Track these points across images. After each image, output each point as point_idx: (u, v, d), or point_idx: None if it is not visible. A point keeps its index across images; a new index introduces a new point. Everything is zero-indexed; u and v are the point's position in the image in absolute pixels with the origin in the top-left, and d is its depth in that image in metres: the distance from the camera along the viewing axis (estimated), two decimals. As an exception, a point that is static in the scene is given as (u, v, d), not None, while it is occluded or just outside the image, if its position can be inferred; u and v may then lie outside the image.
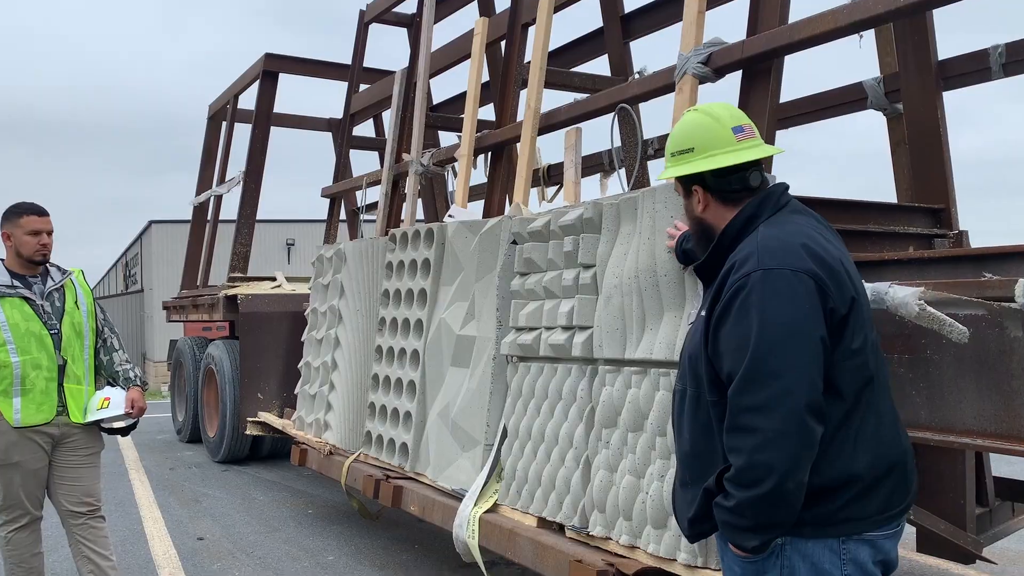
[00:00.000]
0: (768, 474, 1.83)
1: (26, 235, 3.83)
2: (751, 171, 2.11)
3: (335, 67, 9.51)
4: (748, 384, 1.87)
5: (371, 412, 5.37)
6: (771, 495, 1.84)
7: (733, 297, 1.94)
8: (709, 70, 3.65)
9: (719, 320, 1.98)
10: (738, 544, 1.97)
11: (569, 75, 6.12)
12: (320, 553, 5.39)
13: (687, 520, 2.11)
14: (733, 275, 1.97)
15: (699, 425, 2.06)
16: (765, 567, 2.00)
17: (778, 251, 1.94)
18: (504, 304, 4.27)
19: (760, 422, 1.84)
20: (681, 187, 2.20)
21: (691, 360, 2.10)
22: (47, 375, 3.83)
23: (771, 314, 1.87)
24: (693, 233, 2.26)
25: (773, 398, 1.83)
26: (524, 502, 3.87)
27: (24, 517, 3.89)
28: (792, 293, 1.88)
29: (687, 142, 2.14)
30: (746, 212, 2.08)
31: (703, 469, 2.05)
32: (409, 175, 6.11)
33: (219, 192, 10.31)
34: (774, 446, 1.82)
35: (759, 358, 1.86)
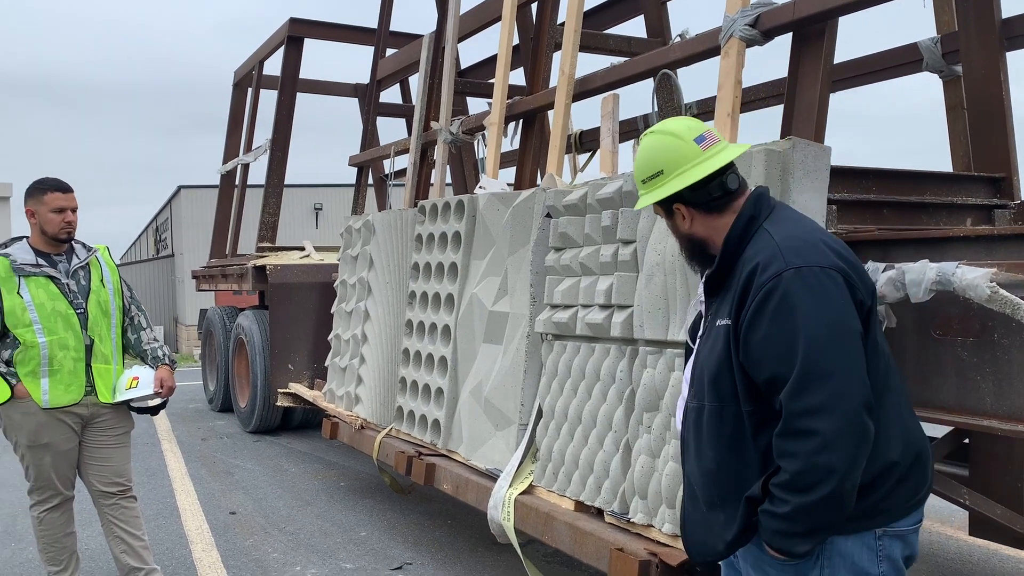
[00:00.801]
0: (829, 476, 1.80)
1: (51, 212, 3.74)
2: (727, 175, 2.07)
3: (361, 31, 9.31)
4: (803, 386, 1.83)
5: (402, 387, 5.28)
6: (829, 498, 1.81)
7: (765, 300, 1.89)
8: (757, 32, 3.44)
9: (751, 325, 1.92)
10: (787, 550, 1.90)
11: (604, 38, 5.88)
12: (353, 528, 5.35)
13: (725, 543, 2.02)
14: (760, 277, 1.91)
15: (726, 440, 2.00)
16: (804, 569, 1.97)
17: (801, 249, 1.92)
18: (538, 280, 4.13)
19: (819, 424, 1.80)
20: (661, 209, 2.16)
21: (712, 374, 2.01)
22: (74, 355, 3.76)
23: (812, 313, 1.84)
24: (684, 250, 2.21)
25: (829, 399, 1.81)
26: (561, 485, 3.76)
27: (56, 497, 3.86)
28: (826, 290, 1.87)
29: (654, 166, 2.09)
30: (745, 214, 2.05)
31: (734, 487, 1.99)
32: (438, 144, 5.95)
33: (246, 160, 10.22)
34: (834, 448, 1.80)
35: (810, 360, 1.82)
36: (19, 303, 3.67)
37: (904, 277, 2.67)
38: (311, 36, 9.30)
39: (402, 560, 4.75)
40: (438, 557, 4.80)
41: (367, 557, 4.81)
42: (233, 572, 4.58)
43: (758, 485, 1.93)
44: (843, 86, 4.88)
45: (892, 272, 2.72)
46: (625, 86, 4.43)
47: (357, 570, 4.60)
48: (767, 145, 2.93)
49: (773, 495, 1.88)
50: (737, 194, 2.08)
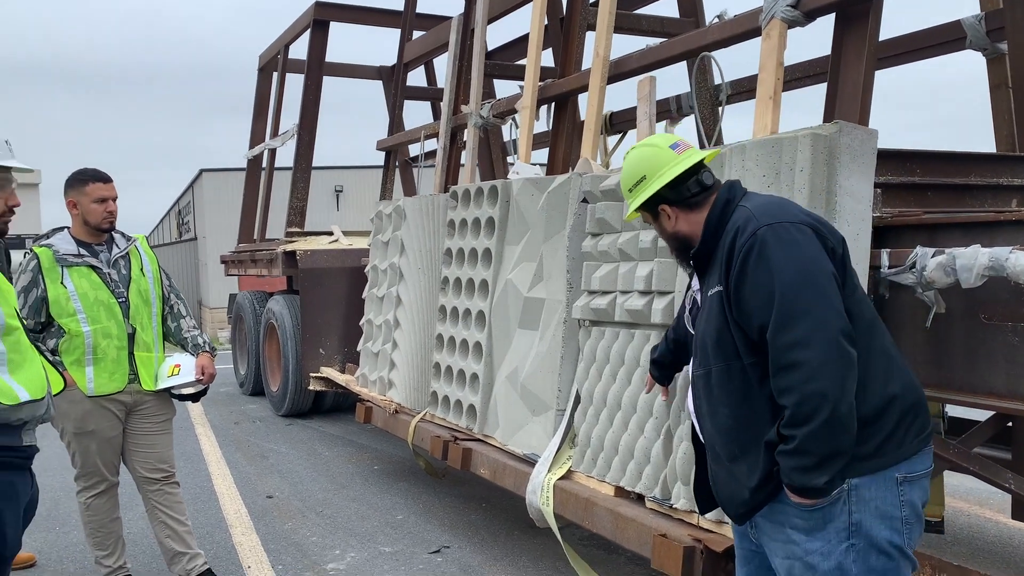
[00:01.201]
0: (822, 402, 1.95)
1: (93, 203, 3.77)
2: (701, 172, 2.32)
3: (387, 14, 9.28)
4: (783, 324, 2.01)
5: (436, 372, 5.30)
6: (829, 422, 1.96)
7: (746, 257, 2.09)
8: (799, 13, 3.38)
9: (738, 282, 2.11)
10: (808, 486, 2.02)
11: (636, 18, 5.82)
12: (389, 511, 5.40)
13: (749, 489, 2.15)
14: (739, 239, 2.12)
15: (736, 395, 2.16)
16: (831, 515, 2.08)
17: (772, 210, 2.15)
18: (575, 266, 4.11)
19: (803, 355, 1.98)
20: (649, 214, 2.38)
21: (713, 339, 2.19)
22: (117, 344, 3.81)
23: (785, 259, 2.04)
24: (674, 250, 2.42)
25: (809, 331, 1.98)
26: (600, 470, 3.76)
27: (101, 484, 3.92)
28: (796, 240, 2.07)
29: (637, 174, 2.34)
30: (721, 198, 2.28)
31: (752, 435, 2.14)
32: (468, 128, 5.93)
33: (273, 146, 10.24)
34: (821, 374, 1.96)
35: (787, 299, 2.01)
36: (63, 293, 3.71)
37: (955, 262, 2.64)
38: (337, 19, 9.29)
39: (440, 543, 4.79)
40: (475, 540, 4.83)
41: (405, 540, 4.85)
42: (273, 556, 4.64)
43: (774, 430, 2.08)
44: (883, 65, 4.80)
45: (942, 257, 2.69)
46: (661, 68, 4.39)
47: (396, 553, 4.65)
48: (813, 129, 2.89)
49: (783, 435, 2.04)
50: (712, 190, 2.31)
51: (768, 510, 2.18)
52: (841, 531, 2.08)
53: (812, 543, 2.10)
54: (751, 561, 2.39)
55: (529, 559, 4.52)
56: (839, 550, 2.08)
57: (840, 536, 2.08)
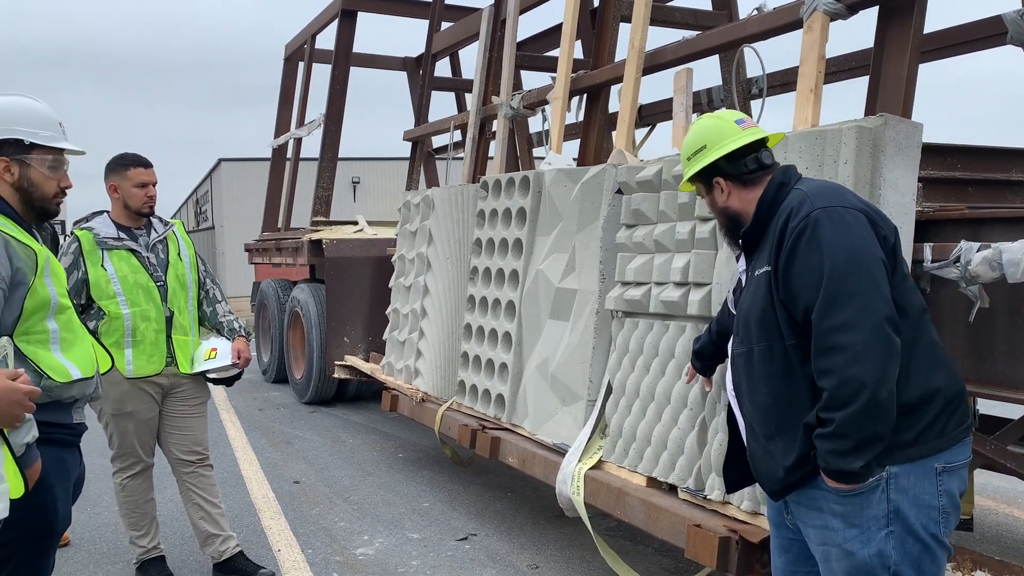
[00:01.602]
0: (862, 387, 1.96)
1: (134, 187, 3.82)
2: (762, 151, 2.33)
3: (414, 4, 9.29)
4: (829, 307, 2.02)
5: (464, 361, 5.33)
6: (868, 407, 1.96)
7: (798, 238, 2.10)
8: (842, 6, 3.37)
9: (788, 262, 2.12)
10: (843, 469, 2.03)
11: (670, 10, 5.80)
12: (415, 499, 5.43)
13: (784, 468, 2.17)
14: (792, 221, 2.13)
15: (777, 376, 2.17)
16: (870, 500, 2.09)
17: (827, 193, 2.16)
18: (608, 257, 4.12)
19: (846, 339, 1.98)
20: (702, 186, 2.40)
21: (757, 317, 2.20)
22: (156, 327, 3.85)
23: (837, 242, 2.05)
24: (722, 225, 2.43)
25: (854, 315, 1.99)
26: (632, 461, 3.77)
27: (138, 465, 3.97)
28: (848, 224, 2.08)
29: (699, 143, 2.35)
30: (776, 180, 2.28)
31: (790, 415, 2.15)
32: (498, 118, 5.94)
33: (299, 135, 10.29)
34: (863, 359, 1.97)
35: (835, 281, 2.02)
36: (103, 275, 3.76)
37: (1001, 256, 2.62)
38: (365, 9, 9.31)
39: (467, 531, 4.82)
40: (501, 528, 4.86)
41: (432, 527, 4.89)
42: (303, 540, 4.69)
43: (813, 413, 2.09)
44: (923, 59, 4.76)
45: (988, 252, 2.67)
46: (696, 60, 4.38)
47: (424, 540, 4.68)
48: (858, 122, 2.89)
49: (821, 418, 2.05)
50: (769, 170, 2.32)
51: (805, 495, 2.19)
52: (880, 518, 2.08)
53: (850, 530, 2.11)
54: (788, 550, 2.39)
55: (556, 548, 4.55)
56: (879, 537, 2.08)
57: (879, 523, 2.08)
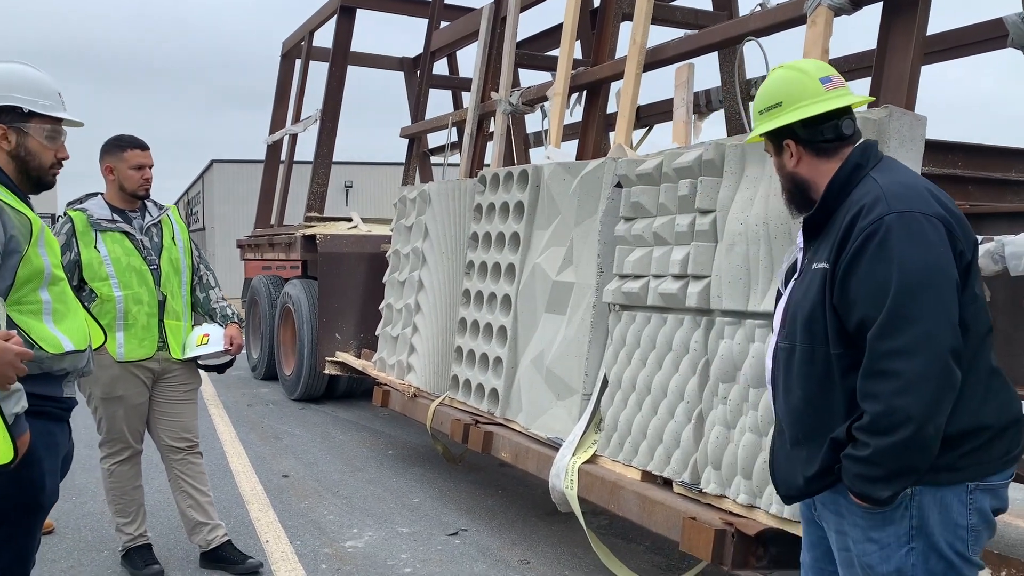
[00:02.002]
0: (907, 420, 1.81)
1: (130, 169, 3.78)
2: (843, 119, 2.08)
3: (414, 3, 9.29)
4: (889, 328, 1.85)
5: (458, 356, 5.29)
6: (909, 441, 1.82)
7: (866, 242, 1.90)
8: (846, 1, 3.36)
9: (849, 268, 1.93)
10: (868, 496, 1.92)
11: (671, 10, 5.81)
12: (405, 494, 5.39)
13: (804, 478, 2.06)
14: (862, 220, 1.92)
15: (814, 380, 2.03)
16: (892, 517, 1.97)
17: (905, 196, 1.93)
18: (606, 250, 4.10)
19: (901, 366, 1.82)
20: (771, 144, 2.18)
21: (804, 316, 2.04)
22: (148, 310, 3.81)
23: (909, 257, 1.85)
24: (786, 191, 2.22)
25: (915, 341, 1.82)
26: (627, 454, 3.75)
27: (126, 450, 3.92)
28: (927, 236, 1.87)
29: (775, 98, 2.12)
30: (852, 160, 2.06)
31: (819, 424, 2.02)
32: (497, 114, 5.92)
33: (294, 131, 10.25)
34: (915, 390, 1.81)
35: (900, 302, 1.84)
36: (96, 257, 3.72)
37: (1004, 250, 2.62)
38: (364, 7, 9.30)
39: (457, 526, 4.78)
40: (492, 524, 4.82)
41: (422, 522, 4.84)
42: (291, 532, 4.64)
43: (843, 428, 1.96)
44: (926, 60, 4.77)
45: (991, 244, 2.67)
46: (698, 56, 4.37)
47: (414, 534, 4.64)
48: (862, 113, 2.87)
49: (856, 439, 1.91)
50: (848, 142, 2.09)
51: (830, 499, 2.09)
52: (902, 535, 1.96)
53: (869, 544, 2.01)
54: (817, 547, 2.27)
55: (547, 544, 4.51)
56: (899, 554, 1.97)
57: (901, 540, 1.97)
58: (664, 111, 6.66)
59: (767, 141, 2.19)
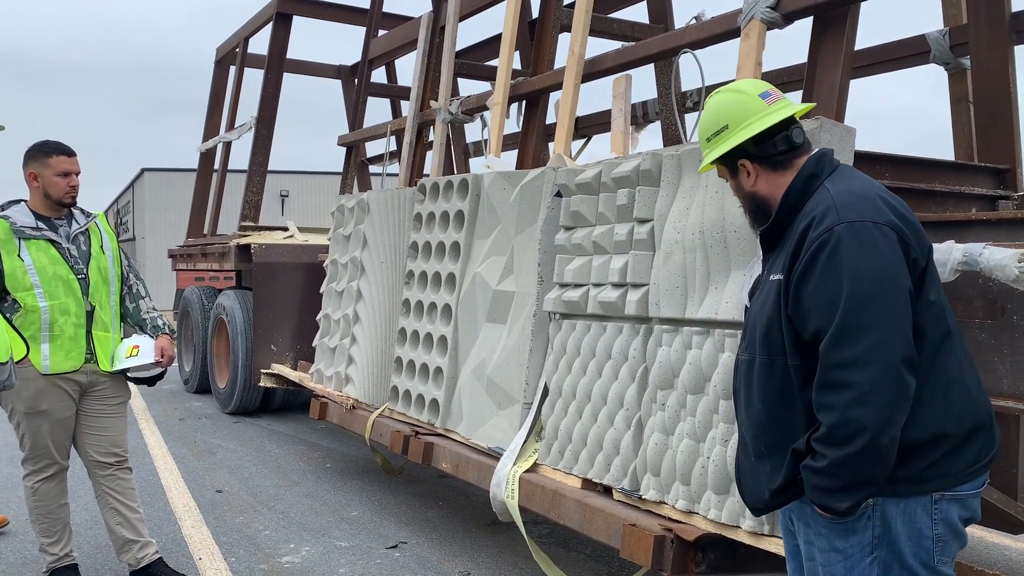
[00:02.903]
0: (861, 431, 1.80)
1: (56, 176, 3.65)
2: (792, 129, 2.09)
3: (351, 10, 9.22)
4: (841, 339, 1.83)
5: (397, 367, 5.24)
6: (865, 451, 1.81)
7: (817, 253, 1.89)
8: (779, 15, 3.45)
9: (801, 278, 1.92)
10: (828, 506, 1.92)
11: (608, 22, 5.89)
12: (344, 508, 5.30)
13: (770, 491, 2.04)
14: (813, 231, 1.92)
15: (774, 392, 2.01)
16: (855, 527, 1.97)
17: (856, 204, 1.91)
18: (546, 259, 4.11)
19: (854, 377, 1.81)
20: (726, 168, 2.18)
21: (763, 328, 2.03)
22: (75, 321, 3.68)
23: (860, 267, 1.84)
24: (748, 211, 2.21)
25: (867, 352, 1.80)
26: (567, 463, 3.75)
27: (52, 467, 3.77)
28: (877, 245, 1.85)
29: (719, 122, 2.12)
30: (806, 171, 2.06)
31: (781, 437, 2.01)
32: (436, 124, 5.91)
33: (229, 138, 10.07)
34: (868, 401, 1.80)
35: (851, 312, 1.82)
36: (20, 266, 3.58)
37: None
38: (300, 14, 9.19)
39: (397, 539, 4.72)
40: (432, 536, 4.78)
41: (361, 536, 4.77)
42: (225, 548, 4.52)
43: (803, 440, 1.95)
44: (854, 75, 4.92)
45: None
46: (635, 68, 4.43)
47: (352, 548, 4.56)
48: (795, 124, 2.94)
49: (814, 450, 1.90)
50: (801, 152, 2.09)
51: (798, 508, 2.08)
52: (865, 544, 1.95)
53: (834, 554, 2.00)
54: (796, 556, 2.24)
55: (488, 555, 4.49)
56: (863, 564, 1.96)
57: (864, 550, 1.95)
58: (602, 122, 6.73)
59: (720, 167, 2.18)
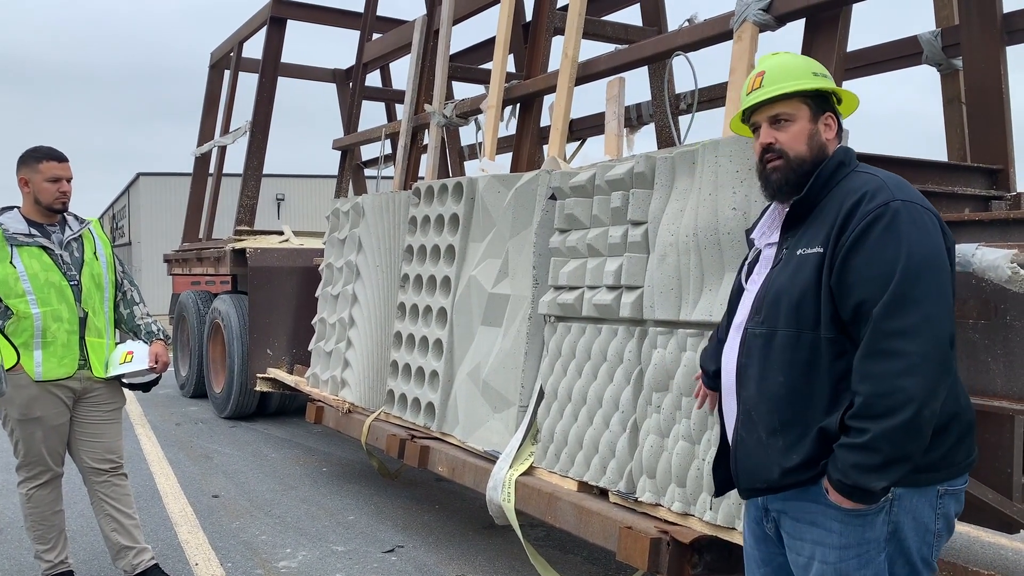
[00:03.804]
0: (909, 401, 1.81)
1: (46, 182, 3.64)
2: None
3: (345, 14, 9.21)
4: (896, 307, 1.85)
5: (393, 370, 5.24)
6: (910, 423, 1.81)
7: (871, 224, 1.91)
8: (771, 17, 3.46)
9: (851, 249, 1.92)
10: (864, 486, 1.86)
11: (602, 24, 5.89)
12: (340, 512, 5.29)
13: (782, 469, 1.99)
14: (866, 205, 1.93)
15: (800, 366, 1.98)
16: (874, 522, 1.96)
17: (906, 187, 1.98)
18: (541, 262, 4.12)
19: (906, 346, 1.82)
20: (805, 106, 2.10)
21: (794, 301, 1.99)
22: (68, 327, 3.67)
23: (917, 240, 1.88)
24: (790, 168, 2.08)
25: (920, 323, 1.83)
26: (563, 465, 3.75)
27: (46, 474, 3.76)
28: (928, 226, 1.92)
29: (821, 70, 2.17)
30: (837, 157, 2.09)
31: (799, 413, 1.98)
32: (431, 127, 5.91)
33: (223, 142, 10.05)
34: (918, 371, 1.82)
35: (908, 281, 1.85)
36: (12, 273, 3.57)
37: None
38: (294, 18, 9.19)
39: (393, 543, 4.71)
40: (429, 540, 4.77)
41: (358, 540, 4.76)
42: (222, 554, 4.51)
43: (835, 418, 1.92)
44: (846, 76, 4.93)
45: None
46: (629, 70, 4.44)
47: (349, 552, 4.55)
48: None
49: (850, 428, 1.87)
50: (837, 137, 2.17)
51: (797, 507, 2.05)
52: (879, 541, 1.96)
53: (846, 551, 1.97)
54: (768, 563, 2.22)
55: (485, 559, 4.48)
56: (877, 560, 1.96)
57: (878, 546, 1.96)
58: (596, 124, 6.74)
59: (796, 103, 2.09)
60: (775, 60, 2.17)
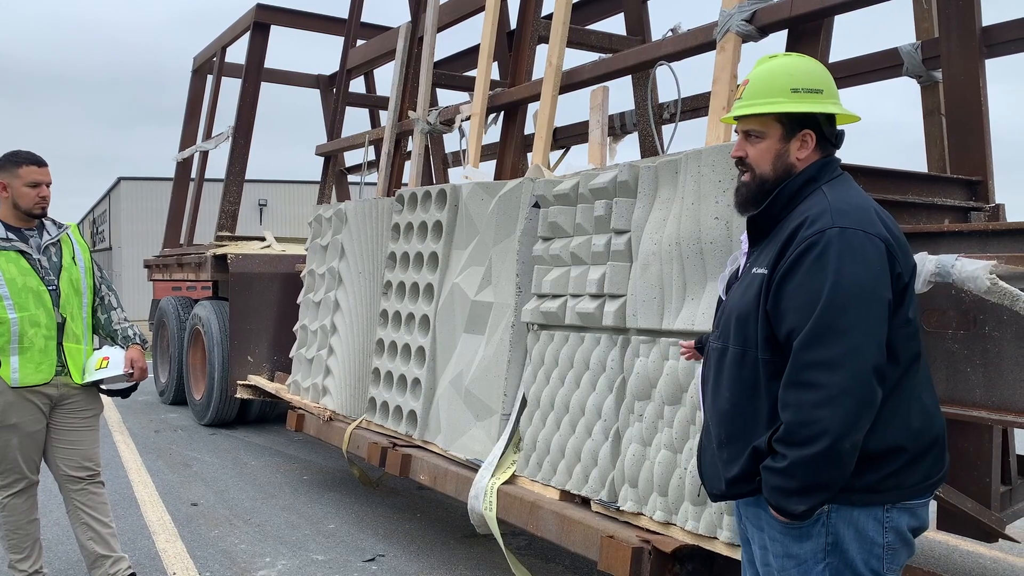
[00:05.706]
0: (824, 433, 1.81)
1: (25, 186, 3.60)
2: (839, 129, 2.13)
3: (329, 20, 9.19)
4: (816, 339, 1.84)
5: (375, 378, 5.21)
6: (826, 454, 1.82)
7: (804, 253, 1.90)
8: (753, 28, 3.48)
9: (785, 276, 1.93)
10: (784, 509, 1.92)
11: (586, 33, 5.91)
12: (320, 521, 5.25)
13: (725, 480, 2.06)
14: (804, 231, 1.92)
15: (743, 384, 2.03)
16: (810, 533, 1.98)
17: (851, 212, 1.93)
18: (524, 270, 4.11)
19: (825, 378, 1.82)
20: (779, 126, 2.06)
21: (739, 318, 2.04)
22: (46, 333, 3.62)
23: (844, 272, 1.85)
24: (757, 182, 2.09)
25: (841, 356, 1.82)
26: (545, 474, 3.74)
27: (21, 482, 3.70)
28: (865, 253, 1.87)
29: (817, 83, 2.07)
30: (807, 173, 2.06)
31: (742, 429, 2.02)
32: (415, 134, 5.90)
33: (206, 148, 9.99)
34: (835, 403, 1.81)
35: (830, 313, 1.84)
36: (-11, 278, 3.52)
37: (903, 269, 2.72)
38: (278, 23, 9.15)
39: (374, 552, 4.68)
40: (410, 549, 4.74)
41: (338, 549, 4.72)
42: (200, 563, 4.46)
43: (764, 439, 1.96)
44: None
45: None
46: (613, 79, 4.45)
47: (329, 562, 4.52)
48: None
49: (775, 451, 1.92)
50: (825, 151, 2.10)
51: (751, 512, 2.11)
52: (819, 551, 1.97)
53: (788, 560, 2.01)
54: (753, 564, 2.24)
55: (466, 567, 4.46)
56: (816, 570, 1.98)
57: (817, 556, 1.97)
58: (580, 133, 6.75)
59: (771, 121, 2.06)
60: (763, 69, 2.12)
